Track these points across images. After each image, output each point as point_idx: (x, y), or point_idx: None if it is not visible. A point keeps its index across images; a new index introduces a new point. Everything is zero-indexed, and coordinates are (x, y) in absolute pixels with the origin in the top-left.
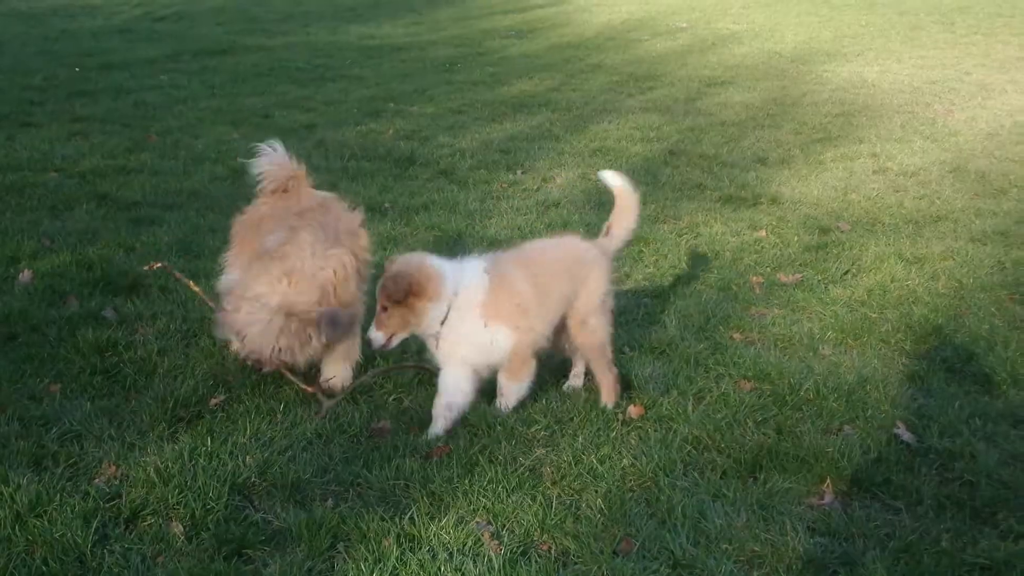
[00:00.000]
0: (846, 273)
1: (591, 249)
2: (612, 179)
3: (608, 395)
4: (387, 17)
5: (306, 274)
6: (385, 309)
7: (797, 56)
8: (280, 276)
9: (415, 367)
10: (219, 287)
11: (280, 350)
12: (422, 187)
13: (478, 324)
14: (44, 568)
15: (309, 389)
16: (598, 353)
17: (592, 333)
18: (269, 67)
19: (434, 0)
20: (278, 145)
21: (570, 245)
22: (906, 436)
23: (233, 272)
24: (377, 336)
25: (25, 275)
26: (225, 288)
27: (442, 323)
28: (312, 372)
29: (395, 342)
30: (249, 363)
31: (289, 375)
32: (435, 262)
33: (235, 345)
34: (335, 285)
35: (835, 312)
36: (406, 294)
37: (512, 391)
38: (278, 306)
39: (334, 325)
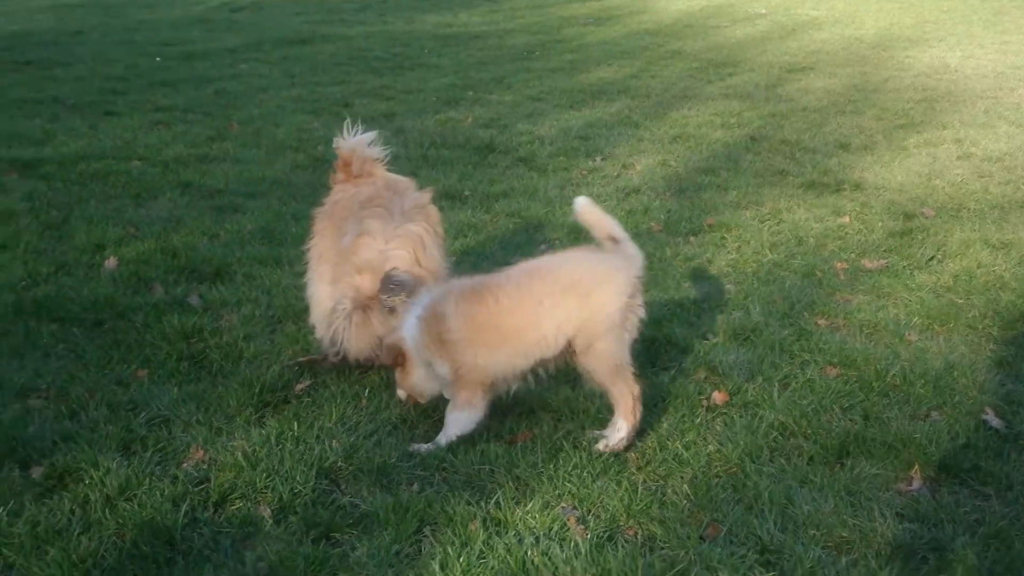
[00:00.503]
0: (931, 259)
1: (595, 267)
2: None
3: (626, 414)
4: (463, 5)
5: (378, 263)
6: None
7: (878, 42)
8: (354, 274)
9: None
10: (306, 298)
11: (371, 347)
12: (501, 174)
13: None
14: (135, 551)
15: None
16: (609, 378)
17: (598, 358)
18: (348, 56)
19: None
20: (355, 129)
21: (556, 267)
22: (995, 422)
23: (314, 281)
24: (401, 393)
25: (111, 262)
26: (312, 302)
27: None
28: None
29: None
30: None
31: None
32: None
33: (332, 358)
34: (416, 256)
35: (921, 298)
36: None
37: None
38: (355, 302)
39: (397, 285)
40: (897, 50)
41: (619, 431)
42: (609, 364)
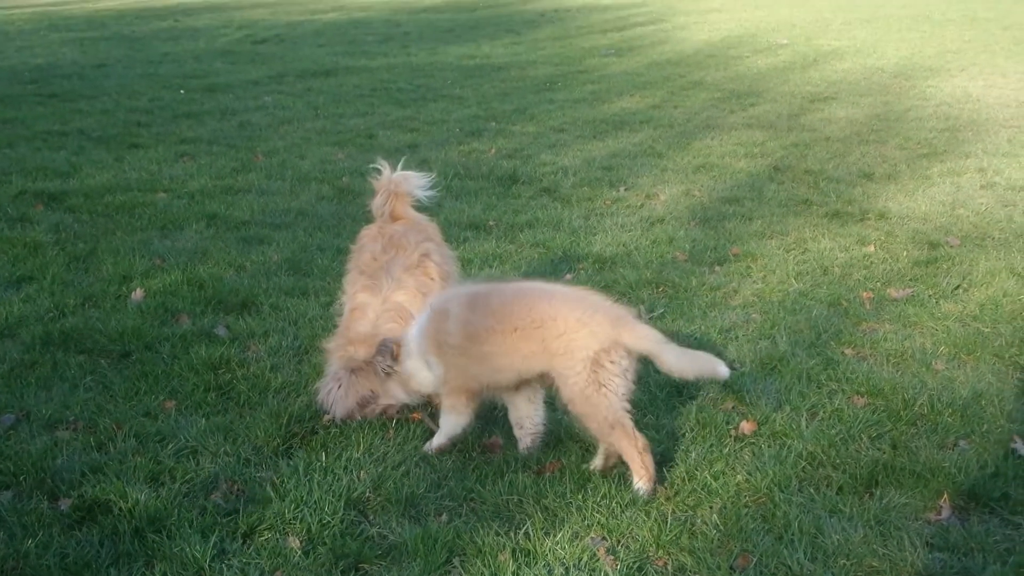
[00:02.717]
0: (957, 288)
1: (571, 307)
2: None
3: (639, 472)
4: (486, 37)
5: (370, 336)
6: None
7: (900, 72)
8: (348, 346)
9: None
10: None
11: (364, 400)
12: (526, 205)
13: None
14: None
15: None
16: (604, 428)
17: (586, 402)
18: (371, 88)
19: (533, 20)
20: (385, 166)
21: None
22: (1023, 450)
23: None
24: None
25: (137, 294)
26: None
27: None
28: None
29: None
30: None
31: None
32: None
33: (327, 417)
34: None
35: (947, 327)
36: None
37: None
38: (348, 365)
39: (384, 356)
40: (919, 79)
41: (638, 488)
42: (592, 415)
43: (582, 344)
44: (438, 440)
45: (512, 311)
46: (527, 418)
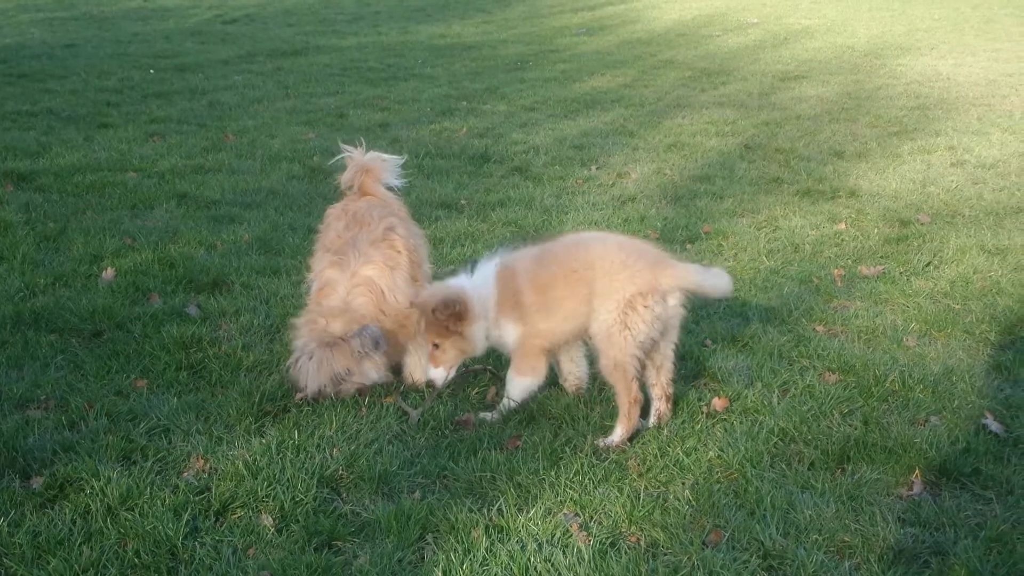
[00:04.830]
0: (928, 265)
1: (612, 251)
2: None
3: (622, 419)
4: (457, 16)
5: (342, 309)
6: (437, 346)
7: (870, 50)
8: (321, 318)
9: (488, 370)
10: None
11: (337, 377)
12: (497, 184)
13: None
14: (136, 560)
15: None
16: (610, 366)
17: (606, 339)
18: (342, 67)
19: None
20: (354, 146)
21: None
22: (994, 426)
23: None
24: (439, 373)
25: (108, 273)
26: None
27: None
28: (396, 385)
29: (454, 372)
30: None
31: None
32: (464, 285)
33: (299, 394)
34: (376, 302)
35: (918, 304)
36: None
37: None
38: (320, 340)
39: (373, 341)
40: (889, 58)
41: (611, 438)
42: (606, 352)
43: (620, 286)
44: (506, 404)
45: (570, 255)
46: (571, 373)
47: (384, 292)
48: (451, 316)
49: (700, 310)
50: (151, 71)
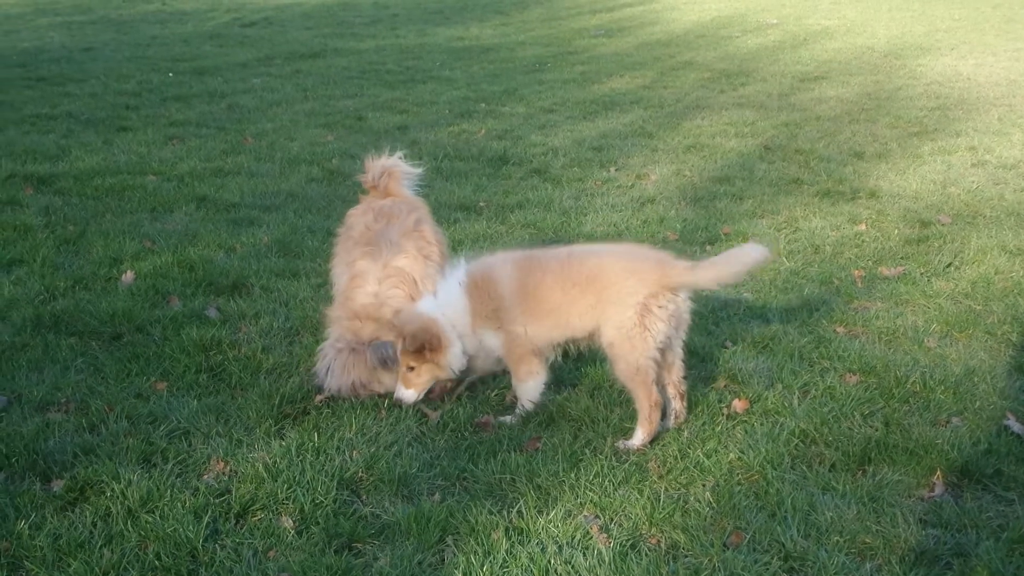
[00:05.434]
0: (948, 266)
1: (613, 260)
2: None
3: (643, 423)
4: (475, 19)
5: (374, 309)
6: (412, 368)
7: (890, 51)
8: (352, 319)
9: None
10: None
11: (357, 384)
12: (516, 186)
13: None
14: (157, 562)
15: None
16: (630, 371)
17: (627, 342)
18: (360, 70)
19: (522, 1)
20: (380, 151)
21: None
22: (1016, 427)
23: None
24: (409, 394)
25: (128, 276)
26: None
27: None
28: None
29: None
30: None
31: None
32: (432, 311)
33: (319, 396)
34: (409, 294)
35: (939, 305)
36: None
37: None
38: (350, 345)
39: (378, 357)
40: (909, 59)
41: (632, 441)
42: (626, 356)
43: (632, 290)
44: (523, 408)
45: (567, 267)
46: None
47: (416, 282)
48: (425, 347)
49: (720, 311)
50: (170, 74)
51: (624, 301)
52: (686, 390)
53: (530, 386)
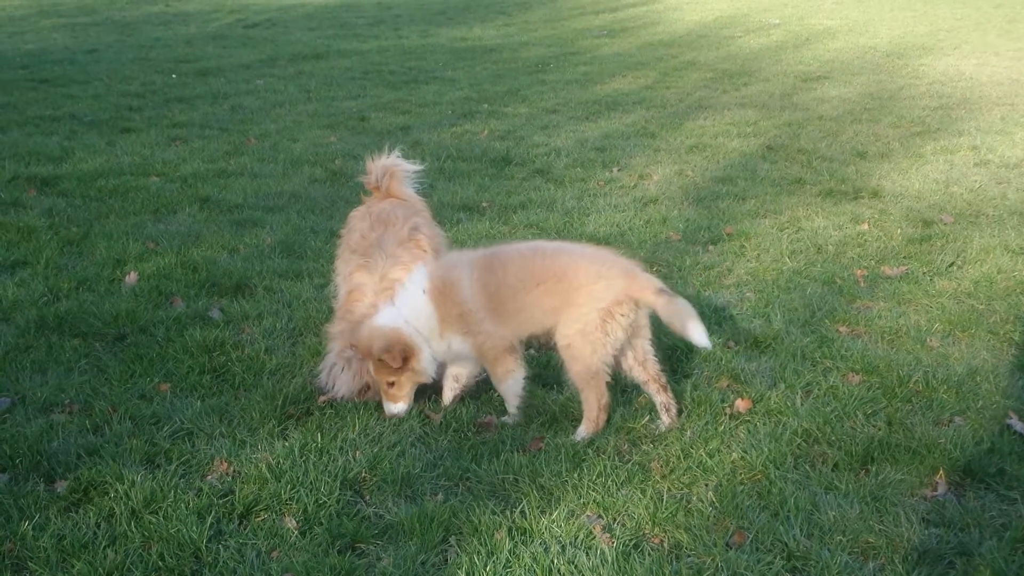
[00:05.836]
0: (951, 265)
1: (584, 263)
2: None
3: (588, 423)
4: (477, 19)
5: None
6: (392, 384)
7: (892, 51)
8: (348, 325)
9: None
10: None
11: (359, 392)
12: (519, 186)
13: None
14: (160, 563)
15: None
16: (586, 374)
17: (587, 345)
18: (363, 70)
19: (525, 2)
20: (380, 151)
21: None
22: (1019, 426)
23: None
24: (400, 407)
25: (131, 277)
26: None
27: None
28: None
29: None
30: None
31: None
32: (395, 321)
33: (323, 396)
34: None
35: (942, 304)
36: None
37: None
38: (353, 355)
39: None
40: (911, 58)
41: (577, 433)
42: (583, 359)
43: (599, 295)
44: (512, 406)
45: (533, 265)
46: (463, 375)
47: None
48: (396, 359)
49: (723, 311)
50: (173, 76)
51: (589, 304)
52: (667, 381)
53: (510, 384)
